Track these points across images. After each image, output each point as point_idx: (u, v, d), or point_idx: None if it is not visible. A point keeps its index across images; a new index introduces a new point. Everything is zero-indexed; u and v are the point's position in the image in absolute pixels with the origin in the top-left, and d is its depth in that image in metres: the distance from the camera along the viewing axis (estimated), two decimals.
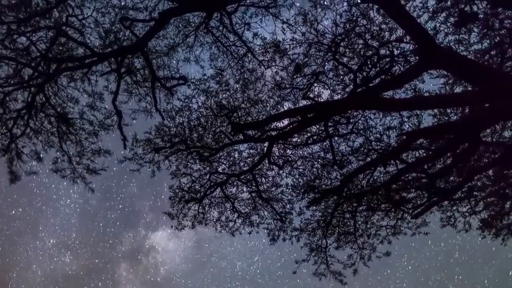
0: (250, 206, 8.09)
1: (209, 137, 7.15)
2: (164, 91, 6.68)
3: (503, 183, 6.55)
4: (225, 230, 8.49)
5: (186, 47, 6.35)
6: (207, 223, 8.45)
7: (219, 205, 8.16)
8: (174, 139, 7.22)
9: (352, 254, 8.10)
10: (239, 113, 6.83)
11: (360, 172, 6.99)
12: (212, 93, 6.65)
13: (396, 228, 7.62)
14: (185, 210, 8.19)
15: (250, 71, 6.47)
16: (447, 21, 5.44)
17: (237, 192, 7.96)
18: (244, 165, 7.53)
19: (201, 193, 7.96)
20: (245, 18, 5.96)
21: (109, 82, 6.69)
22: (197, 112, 6.87)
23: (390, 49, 5.81)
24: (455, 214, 7.09)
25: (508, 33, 5.40)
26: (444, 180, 6.75)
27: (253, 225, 8.30)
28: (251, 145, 7.25)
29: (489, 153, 6.26)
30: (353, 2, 5.51)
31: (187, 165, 7.62)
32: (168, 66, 6.43)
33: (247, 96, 6.66)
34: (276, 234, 8.34)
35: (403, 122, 6.40)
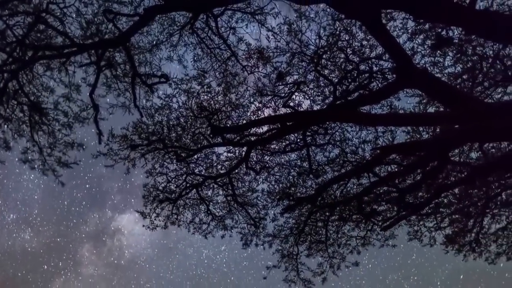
0: (225, 209, 8.07)
1: (188, 138, 7.10)
2: (144, 88, 6.59)
3: (468, 202, 6.85)
4: (198, 232, 8.43)
5: (169, 45, 6.31)
6: (180, 224, 8.36)
7: (193, 207, 8.10)
8: (151, 137, 7.12)
9: (322, 263, 8.24)
10: (220, 116, 6.82)
11: (335, 182, 7.13)
12: (194, 94, 6.61)
13: (365, 239, 7.80)
14: (159, 209, 8.08)
15: (233, 75, 6.49)
16: (425, 43, 5.68)
17: (212, 194, 7.93)
18: (221, 168, 7.51)
19: (176, 194, 7.87)
20: (231, 23, 6.00)
21: (87, 74, 6.52)
22: (177, 111, 6.82)
23: (369, 65, 6.00)
24: (422, 229, 7.34)
25: (480, 60, 5.70)
26: (413, 195, 6.98)
27: (227, 228, 8.28)
28: (229, 149, 7.25)
29: (456, 172, 6.54)
30: (337, 17, 5.66)
31: (164, 164, 7.52)
32: (150, 63, 6.36)
33: (228, 100, 6.67)
34: (249, 239, 8.36)
35: (378, 137, 6.60)
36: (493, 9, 5.25)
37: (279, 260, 8.32)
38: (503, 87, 5.92)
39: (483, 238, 7.23)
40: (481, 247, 7.31)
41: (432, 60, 5.82)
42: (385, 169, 6.82)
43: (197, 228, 8.29)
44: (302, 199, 7.44)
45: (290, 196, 7.51)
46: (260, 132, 6.81)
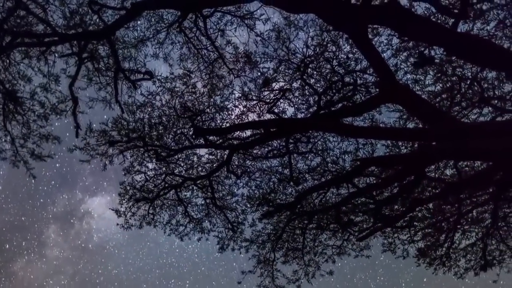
0: (203, 212, 7.98)
1: (169, 137, 6.99)
2: (127, 83, 6.44)
3: (440, 217, 7.04)
4: (175, 234, 8.29)
5: (156, 43, 6.20)
6: (156, 225, 8.20)
7: (171, 208, 7.96)
8: (131, 134, 6.96)
9: (298, 270, 8.25)
10: (203, 118, 6.75)
11: (314, 191, 7.18)
12: (178, 93, 6.52)
13: (341, 248, 7.88)
14: (135, 208, 7.89)
15: (219, 77, 6.45)
16: (408, 60, 5.84)
17: (191, 196, 7.82)
18: (201, 170, 7.42)
19: (154, 193, 7.71)
20: (220, 25, 5.97)
21: (68, 65, 6.32)
22: (159, 110, 6.70)
23: (354, 78, 6.10)
24: (396, 241, 7.48)
25: (459, 80, 5.91)
26: (389, 208, 7.12)
27: (204, 231, 8.18)
28: (211, 151, 7.18)
29: (431, 187, 6.72)
30: (325, 28, 5.73)
31: (143, 162, 7.36)
32: (134, 59, 6.22)
33: (213, 102, 6.62)
34: (226, 243, 8.28)
35: (359, 149, 6.70)
36: (474, 33, 5.46)
37: (255, 265, 8.30)
38: (479, 109, 6.15)
39: (453, 253, 7.44)
40: (451, 262, 7.52)
41: (414, 78, 5.99)
42: (364, 181, 6.93)
43: (173, 229, 8.15)
44: (281, 205, 7.45)
45: (269, 202, 7.50)
46: (243, 137, 6.79)
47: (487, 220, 7.04)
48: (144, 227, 8.21)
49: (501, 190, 6.52)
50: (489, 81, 5.88)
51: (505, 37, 5.53)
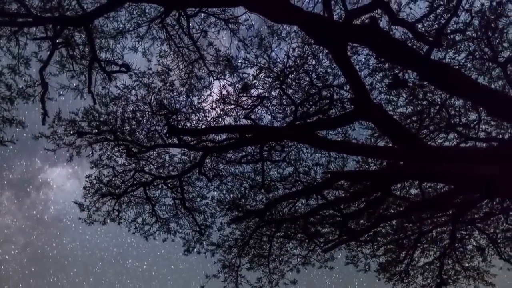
0: (171, 212, 7.83)
1: (142, 134, 6.83)
2: (102, 74, 6.25)
3: (402, 234, 7.28)
4: (139, 233, 8.08)
5: (136, 36, 6.07)
6: (120, 222, 7.96)
7: (138, 206, 7.76)
8: (102, 127, 6.75)
9: (262, 277, 8.25)
10: (178, 117, 6.66)
11: (284, 199, 7.23)
12: (155, 89, 6.40)
13: (306, 258, 7.96)
14: (99, 203, 7.64)
15: (198, 78, 6.39)
16: (383, 81, 6.04)
17: (160, 195, 7.66)
18: (173, 170, 7.30)
19: (121, 190, 7.50)
20: (203, 25, 5.93)
21: (40, 49, 6.06)
22: (134, 104, 6.54)
23: (331, 92, 6.23)
24: (359, 255, 7.66)
25: (428, 105, 6.17)
26: (355, 221, 7.28)
27: (170, 232, 8.03)
28: (184, 151, 7.08)
29: (396, 205, 6.94)
30: (307, 41, 5.83)
31: (112, 157, 7.14)
32: (112, 50, 6.05)
33: (190, 102, 6.55)
34: (192, 245, 8.17)
35: (330, 162, 6.83)
36: (445, 61, 5.73)
37: (219, 270, 8.22)
38: (445, 134, 6.44)
39: (412, 269, 7.70)
40: (409, 278, 7.78)
41: (387, 98, 6.20)
42: (333, 193, 7.05)
43: (138, 228, 7.95)
44: (250, 211, 7.44)
45: (239, 208, 7.48)
46: (218, 140, 6.75)
47: (445, 240, 7.35)
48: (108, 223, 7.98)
49: (460, 213, 6.83)
50: (456, 108, 6.18)
51: (473, 68, 5.84)
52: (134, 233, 8.16)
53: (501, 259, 7.46)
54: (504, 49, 5.53)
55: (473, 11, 5.29)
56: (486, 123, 6.22)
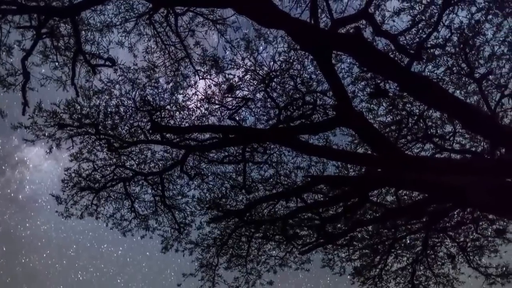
0: (150, 209, 7.79)
1: (124, 129, 6.77)
2: (86, 67, 6.17)
3: (377, 240, 7.47)
4: (117, 228, 8.00)
5: (123, 31, 6.01)
6: (98, 217, 7.86)
7: (117, 201, 7.68)
8: (84, 120, 6.66)
9: (239, 277, 8.30)
10: (162, 114, 6.63)
11: (264, 201, 7.31)
12: (139, 85, 6.36)
13: (283, 260, 8.06)
14: (77, 197, 7.52)
15: (183, 76, 6.39)
16: (364, 89, 6.20)
17: (140, 192, 7.61)
18: (154, 167, 7.26)
19: (100, 184, 7.41)
20: (191, 24, 5.93)
21: (24, 38, 5.94)
22: (117, 99, 6.48)
23: (314, 98, 6.35)
24: (335, 258, 7.81)
25: (407, 116, 6.36)
26: (332, 225, 7.42)
27: (149, 229, 7.98)
28: (166, 149, 7.05)
29: (372, 211, 7.12)
30: (293, 46, 5.92)
31: (92, 150, 7.05)
32: (97, 44, 5.98)
33: (174, 100, 6.53)
34: (170, 243, 8.14)
35: (311, 166, 6.94)
36: (425, 74, 5.93)
37: (196, 268, 8.23)
38: (422, 144, 6.66)
39: (385, 274, 7.91)
40: (382, 283, 7.98)
41: (368, 106, 6.36)
42: (312, 197, 7.17)
43: (116, 223, 7.87)
44: (230, 211, 7.49)
45: (219, 207, 7.51)
46: (201, 139, 6.76)
47: (418, 247, 7.58)
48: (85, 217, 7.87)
49: (433, 221, 7.07)
50: (433, 120, 6.41)
51: (451, 82, 6.07)
52: (112, 228, 8.09)
53: (470, 267, 7.76)
54: (480, 66, 5.77)
55: (453, 27, 5.50)
56: (461, 135, 6.46)
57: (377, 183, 6.54)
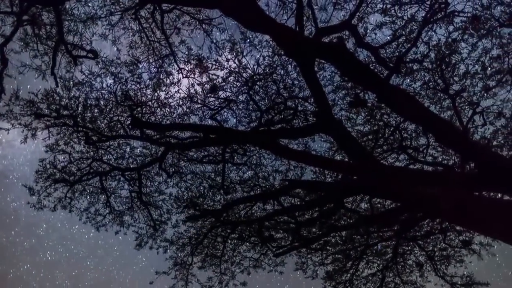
0: (126, 205, 7.69)
1: (104, 122, 6.67)
2: (67, 57, 6.05)
3: (350, 245, 7.64)
4: (91, 223, 7.86)
5: (107, 24, 5.93)
6: (72, 210, 7.70)
7: (92, 195, 7.55)
8: (62, 111, 6.52)
9: (212, 277, 8.29)
10: (143, 110, 6.58)
11: (242, 202, 7.35)
12: (121, 79, 6.29)
13: (258, 261, 8.12)
14: (51, 189, 7.35)
15: (167, 73, 6.36)
16: (345, 98, 6.35)
17: (116, 187, 7.50)
18: (132, 162, 7.18)
19: (76, 177, 7.27)
20: (177, 22, 5.92)
21: (3, 24, 5.77)
22: (98, 92, 6.38)
23: (295, 104, 6.45)
24: (308, 262, 7.93)
25: (384, 126, 6.55)
26: (307, 229, 7.54)
27: (123, 225, 7.88)
28: (146, 145, 6.99)
29: (347, 217, 7.28)
30: (278, 51, 6.00)
31: (69, 142, 6.91)
32: (80, 35, 5.88)
33: (156, 96, 6.49)
34: (144, 240, 8.06)
35: (289, 170, 7.04)
36: (402, 87, 6.13)
37: (170, 267, 8.17)
38: (397, 154, 6.87)
39: (356, 279, 8.09)
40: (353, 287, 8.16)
41: (347, 115, 6.52)
42: (289, 201, 7.26)
43: (90, 218, 7.73)
44: (207, 211, 7.48)
45: (196, 206, 7.50)
46: (181, 137, 6.74)
47: (388, 254, 7.80)
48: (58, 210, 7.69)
49: (404, 229, 7.29)
50: (409, 132, 6.63)
51: (427, 96, 6.30)
52: (85, 222, 7.94)
53: (437, 275, 8.03)
54: (454, 83, 6.02)
55: (431, 44, 5.71)
56: (434, 148, 6.71)
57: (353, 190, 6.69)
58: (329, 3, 5.49)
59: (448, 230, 7.40)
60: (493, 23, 5.61)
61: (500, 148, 6.46)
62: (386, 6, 5.42)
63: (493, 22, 5.60)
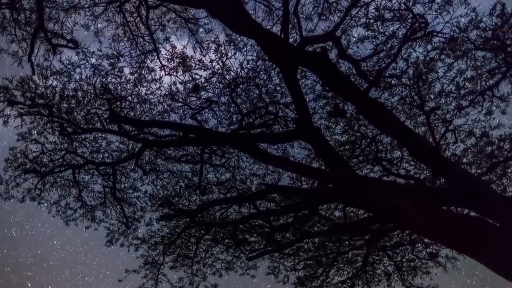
0: (98, 200, 7.51)
1: (80, 114, 6.51)
2: (46, 45, 5.87)
3: (322, 252, 7.74)
4: (60, 216, 7.62)
5: (90, 14, 5.80)
6: (41, 202, 7.45)
7: (63, 188, 7.33)
8: (37, 100, 6.32)
9: (183, 278, 8.20)
10: (123, 104, 6.46)
11: (218, 204, 7.32)
12: (102, 72, 6.16)
13: (230, 264, 8.09)
14: (20, 179, 7.09)
15: (149, 69, 6.28)
16: (325, 107, 6.46)
17: (89, 181, 7.32)
18: (108, 157, 7.03)
19: (47, 168, 7.04)
20: (163, 19, 5.87)
21: None
22: (77, 83, 6.22)
23: (276, 109, 6.51)
24: (280, 266, 7.97)
25: (361, 137, 6.71)
26: (281, 234, 7.59)
27: (94, 220, 7.69)
28: (123, 140, 6.87)
29: (320, 224, 7.38)
30: (262, 56, 6.05)
31: (43, 132, 6.70)
32: (61, 23, 5.72)
33: (137, 92, 6.39)
34: (116, 237, 7.89)
35: (267, 174, 7.08)
36: (380, 100, 6.30)
37: (140, 265, 8.03)
38: (372, 166, 7.04)
39: (326, 286, 8.20)
40: None
41: (326, 124, 6.63)
42: (264, 205, 7.29)
43: (60, 211, 7.50)
44: (182, 211, 7.41)
45: (171, 205, 7.41)
46: (160, 134, 6.66)
47: (358, 262, 7.95)
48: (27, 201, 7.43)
49: (374, 239, 7.46)
50: (384, 144, 6.81)
51: (403, 111, 6.50)
52: (54, 216, 7.70)
53: (404, 285, 8.25)
54: (430, 100, 6.24)
55: (410, 61, 5.91)
56: (407, 162, 6.91)
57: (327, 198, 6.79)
58: (314, 13, 5.59)
59: (416, 241, 7.62)
60: (469, 45, 5.87)
61: (469, 166, 6.72)
62: (369, 21, 5.57)
63: (469, 45, 5.86)
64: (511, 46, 5.81)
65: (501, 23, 5.52)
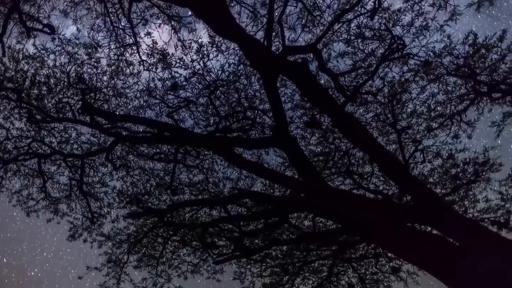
0: (63, 192, 7.22)
1: (51, 102, 6.26)
2: (20, 27, 5.63)
3: (289, 260, 7.79)
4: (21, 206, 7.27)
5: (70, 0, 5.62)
6: (2, 191, 7.08)
7: (27, 177, 7.01)
8: (6, 83, 6.03)
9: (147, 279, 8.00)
10: (97, 96, 6.28)
11: (188, 205, 7.22)
12: (77, 61, 5.97)
13: (196, 267, 7.98)
14: None
15: (128, 63, 6.14)
16: (302, 117, 6.55)
17: (55, 172, 7.03)
18: (77, 149, 6.79)
19: (11, 156, 6.71)
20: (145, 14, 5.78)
21: None
22: (50, 70, 5.99)
23: (254, 115, 6.53)
24: (247, 272, 7.94)
25: (335, 150, 6.84)
26: (250, 240, 7.57)
27: (58, 213, 7.38)
28: (94, 132, 6.66)
29: (289, 232, 7.43)
30: (243, 61, 6.07)
31: (9, 117, 6.39)
32: (38, 7, 5.50)
33: (113, 84, 6.23)
34: (79, 232, 7.61)
35: (240, 179, 7.06)
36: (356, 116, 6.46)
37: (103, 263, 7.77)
38: (343, 178, 7.18)
39: None
40: None
41: (302, 134, 6.72)
42: (235, 209, 7.26)
43: (21, 201, 7.16)
44: (151, 210, 7.25)
45: (140, 203, 7.24)
46: (134, 130, 6.51)
47: (324, 272, 8.05)
48: None
49: (341, 250, 7.58)
50: (356, 158, 6.97)
51: (376, 128, 6.69)
52: (15, 205, 7.34)
53: None
54: (402, 119, 6.45)
55: (386, 80, 6.10)
56: (377, 177, 7.11)
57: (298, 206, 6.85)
58: (298, 24, 5.68)
59: (380, 255, 7.81)
60: (441, 70, 6.14)
61: (435, 186, 6.99)
62: (350, 37, 5.71)
63: (442, 70, 6.13)
64: (480, 75, 6.13)
65: (473, 52, 5.82)
